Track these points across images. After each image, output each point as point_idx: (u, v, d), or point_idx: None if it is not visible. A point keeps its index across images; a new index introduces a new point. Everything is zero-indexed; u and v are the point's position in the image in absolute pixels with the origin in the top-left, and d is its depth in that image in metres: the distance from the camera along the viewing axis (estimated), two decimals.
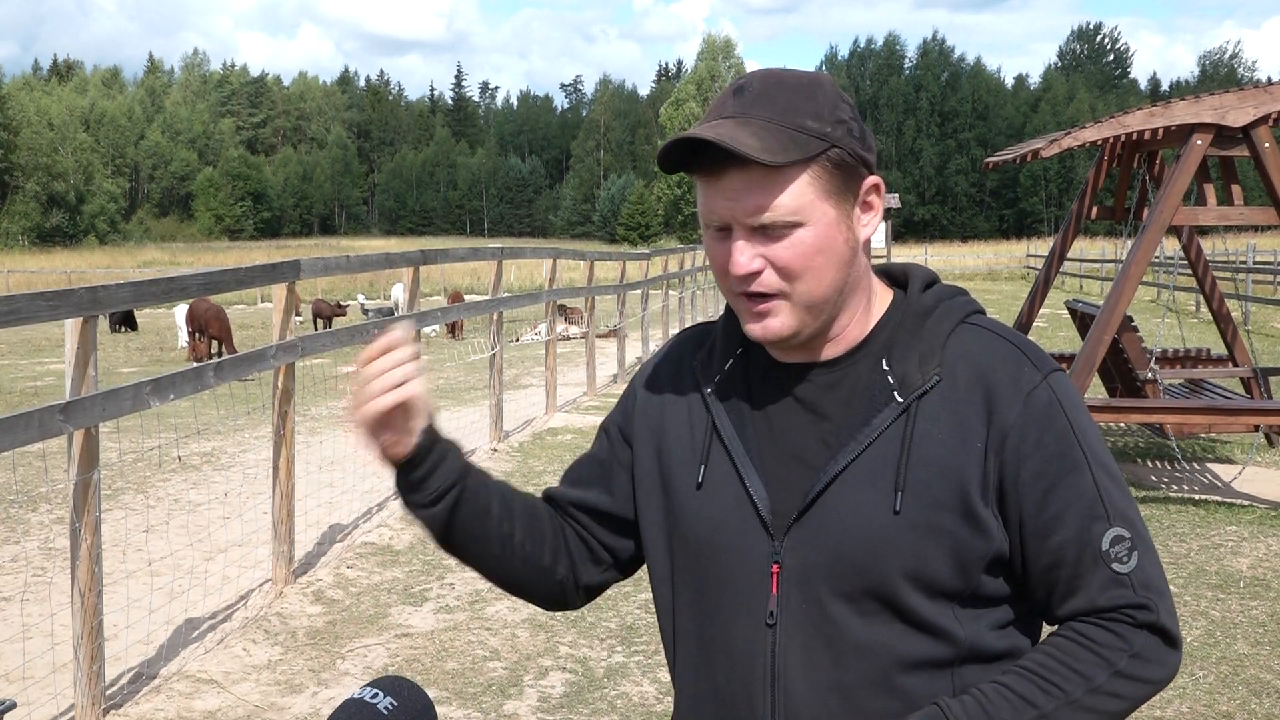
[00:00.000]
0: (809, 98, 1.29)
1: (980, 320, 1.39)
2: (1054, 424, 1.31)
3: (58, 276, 41.20)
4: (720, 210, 1.29)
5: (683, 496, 1.41)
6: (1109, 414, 7.09)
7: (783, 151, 1.25)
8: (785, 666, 1.32)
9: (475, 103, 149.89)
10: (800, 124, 1.27)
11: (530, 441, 8.96)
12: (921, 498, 1.29)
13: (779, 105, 1.28)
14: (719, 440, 1.40)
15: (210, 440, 9.34)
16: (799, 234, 1.28)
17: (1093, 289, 30.00)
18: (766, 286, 1.30)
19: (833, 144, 1.28)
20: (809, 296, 1.30)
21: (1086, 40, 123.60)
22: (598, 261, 13.11)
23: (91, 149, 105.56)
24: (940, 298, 1.40)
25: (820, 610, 1.31)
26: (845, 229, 1.31)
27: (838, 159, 1.29)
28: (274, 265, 5.45)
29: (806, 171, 1.27)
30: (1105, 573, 1.29)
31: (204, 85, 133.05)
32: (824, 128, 1.28)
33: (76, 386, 3.79)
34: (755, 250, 1.29)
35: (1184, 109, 7.02)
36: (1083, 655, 1.28)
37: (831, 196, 1.29)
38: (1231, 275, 20.48)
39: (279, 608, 5.03)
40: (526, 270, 37.39)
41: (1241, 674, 4.30)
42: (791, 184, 1.27)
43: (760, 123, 1.26)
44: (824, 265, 1.30)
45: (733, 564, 1.36)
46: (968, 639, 1.31)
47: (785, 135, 1.26)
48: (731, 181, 1.27)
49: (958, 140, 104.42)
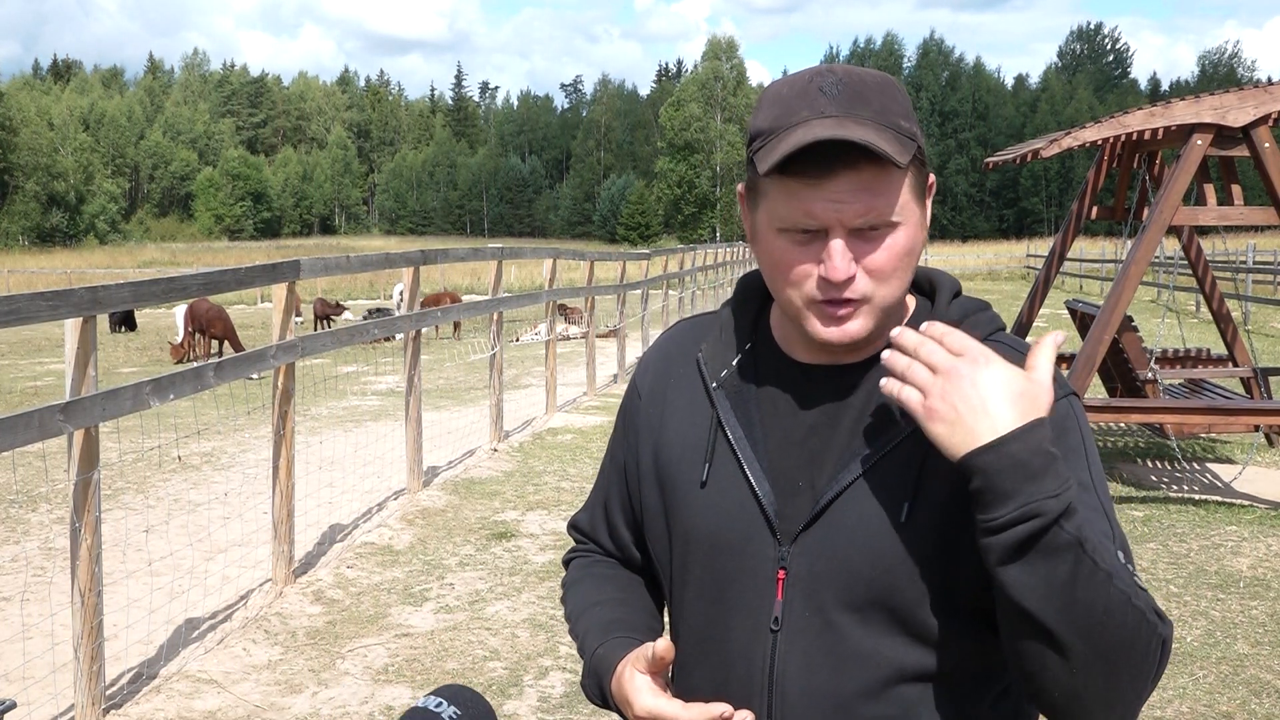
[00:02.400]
0: (893, 97, 1.26)
1: (1003, 338, 1.37)
2: (1068, 438, 1.29)
3: (58, 276, 41.21)
4: (823, 213, 1.24)
5: (685, 493, 1.39)
6: (1109, 414, 7.09)
7: (899, 153, 1.22)
8: (784, 673, 1.31)
9: (475, 103, 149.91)
10: (897, 124, 1.24)
11: (530, 441, 8.96)
12: (935, 511, 1.27)
13: (874, 105, 1.24)
14: (724, 438, 1.37)
15: (210, 440, 9.34)
16: (894, 235, 1.25)
17: (1093, 289, 29.99)
18: (857, 292, 1.26)
19: (919, 144, 1.27)
20: (889, 299, 1.28)
21: (1086, 40, 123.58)
22: (598, 261, 13.10)
23: (91, 149, 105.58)
24: (966, 311, 1.38)
25: (824, 618, 1.30)
26: (923, 229, 1.30)
27: (923, 159, 1.28)
28: (274, 265, 5.45)
29: (908, 172, 1.25)
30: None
31: (204, 85, 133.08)
32: (912, 127, 1.26)
33: (76, 386, 3.79)
34: (851, 255, 1.25)
35: (1184, 109, 7.02)
36: (1120, 571, 1.18)
37: (918, 198, 1.28)
38: (1231, 275, 20.47)
39: (279, 608, 5.03)
40: (526, 270, 37.40)
41: (1241, 674, 4.29)
42: (899, 185, 1.24)
43: (870, 122, 1.22)
44: (906, 268, 1.28)
45: (737, 566, 1.34)
46: (970, 650, 1.30)
47: (891, 135, 1.23)
48: (840, 183, 1.23)
49: (958, 140, 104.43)
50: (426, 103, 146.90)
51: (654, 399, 1.47)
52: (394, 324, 7.72)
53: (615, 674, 1.38)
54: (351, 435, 9.54)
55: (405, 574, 5.56)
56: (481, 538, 6.17)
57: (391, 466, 7.77)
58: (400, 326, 7.52)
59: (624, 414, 1.53)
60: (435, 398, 11.61)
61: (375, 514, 6.74)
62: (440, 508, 6.75)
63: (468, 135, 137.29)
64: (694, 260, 21.33)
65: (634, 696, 1.34)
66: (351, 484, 7.42)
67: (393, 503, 6.94)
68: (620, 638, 1.43)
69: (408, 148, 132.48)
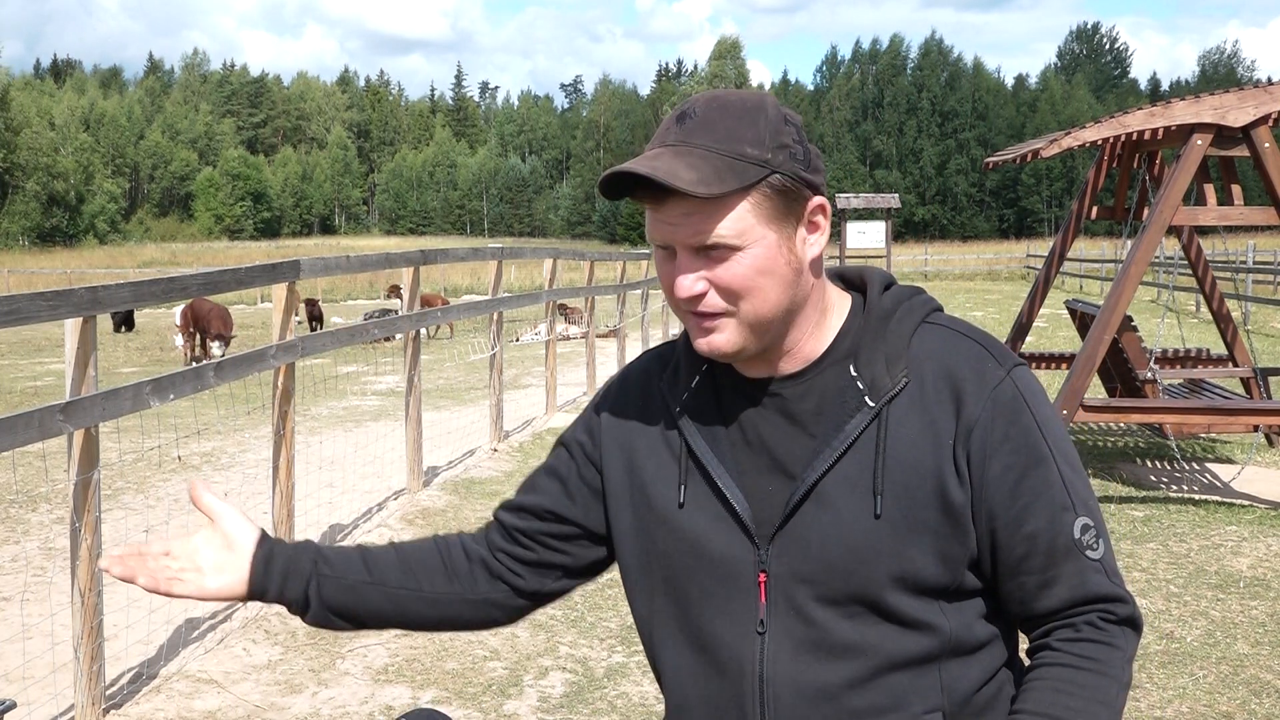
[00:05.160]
0: (750, 124, 1.31)
1: (940, 319, 1.42)
2: (1019, 418, 1.34)
3: (58, 276, 41.20)
4: (662, 234, 1.33)
5: (662, 514, 1.43)
6: (1109, 414, 7.09)
7: (719, 181, 1.27)
8: (774, 673, 1.34)
9: (475, 102, 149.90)
10: (740, 151, 1.29)
11: (530, 441, 8.96)
12: (900, 500, 1.32)
13: (719, 133, 1.30)
14: (693, 459, 1.42)
15: (210, 440, 9.34)
16: (739, 257, 1.31)
17: (1093, 289, 29.99)
18: (711, 307, 1.33)
19: (773, 170, 1.30)
20: (753, 315, 1.33)
21: (1085, 40, 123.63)
22: (598, 261, 13.11)
23: (92, 149, 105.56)
24: (900, 299, 1.42)
25: (807, 615, 1.34)
26: (787, 251, 1.33)
27: (779, 184, 1.31)
28: (274, 265, 5.44)
29: (747, 198, 1.29)
30: (1081, 561, 1.34)
31: (204, 85, 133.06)
32: (764, 154, 1.30)
33: (76, 386, 3.79)
34: (699, 272, 1.32)
35: (1184, 109, 7.02)
36: (1099, 683, 1.32)
37: (773, 221, 1.31)
38: (1231, 275, 20.47)
39: (279, 607, 5.02)
40: (526, 270, 37.39)
41: (1241, 674, 4.29)
42: (731, 211, 1.29)
43: (700, 152, 1.29)
44: (767, 286, 1.32)
45: (720, 576, 1.38)
46: (953, 632, 1.34)
47: (724, 163, 1.28)
48: (672, 209, 1.30)
49: (958, 140, 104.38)
50: (426, 103, 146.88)
51: (619, 425, 1.51)
52: (394, 324, 7.72)
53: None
54: (351, 435, 9.54)
55: None
56: None
57: (391, 466, 7.77)
58: (400, 326, 7.52)
59: (584, 428, 1.55)
60: (435, 398, 11.61)
61: (375, 514, 6.74)
62: (440, 508, 6.75)
63: (468, 135, 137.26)
64: None
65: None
66: (351, 484, 7.42)
67: (393, 503, 6.94)
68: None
69: (408, 148, 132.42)
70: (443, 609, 1.57)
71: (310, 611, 1.54)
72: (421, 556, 1.57)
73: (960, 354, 1.37)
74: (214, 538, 1.49)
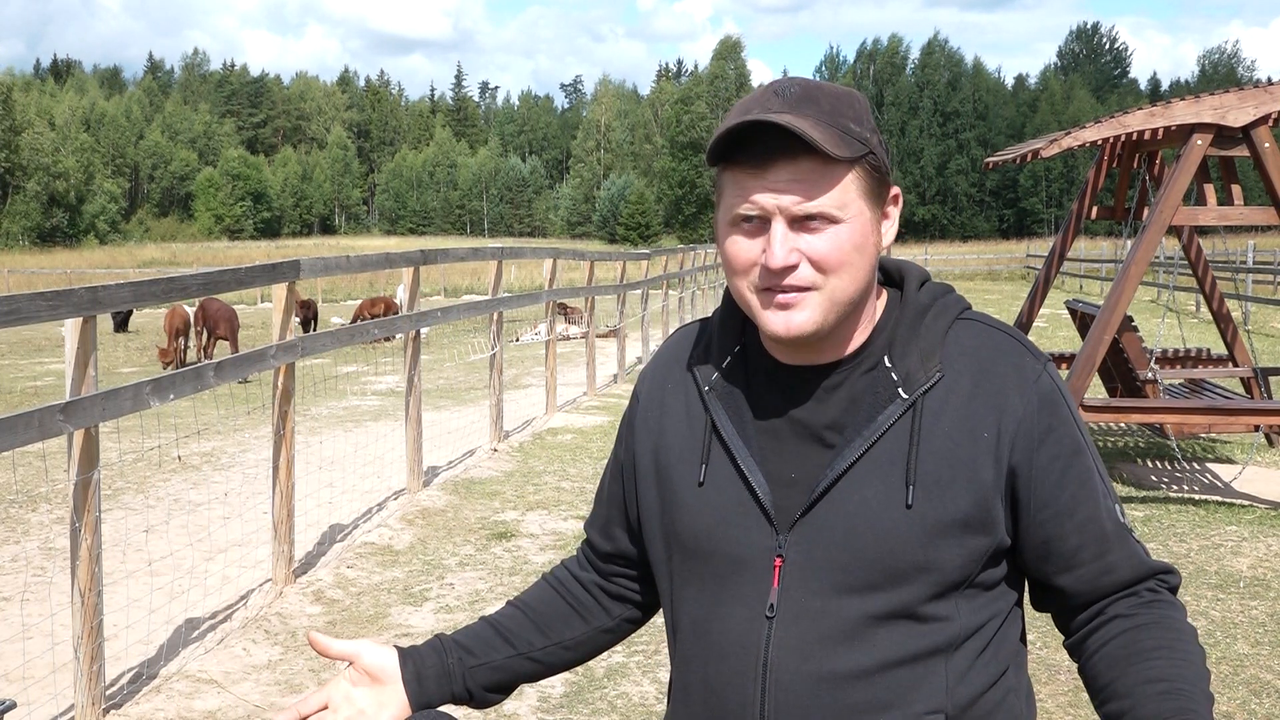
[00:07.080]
0: (849, 104, 1.32)
1: (973, 315, 1.44)
2: (1059, 410, 1.37)
3: (58, 276, 41.21)
4: (763, 200, 1.30)
5: (683, 493, 1.43)
6: (1109, 414, 7.09)
7: (837, 147, 1.27)
8: (778, 659, 1.34)
9: (475, 102, 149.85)
10: (845, 126, 1.29)
11: (530, 441, 8.96)
12: (932, 491, 1.32)
13: (824, 107, 1.30)
14: (718, 438, 1.41)
15: (210, 440, 9.34)
16: (838, 230, 1.30)
17: (1093, 289, 29.99)
18: (799, 280, 1.31)
19: (871, 149, 1.31)
20: (839, 292, 1.32)
21: (1085, 40, 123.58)
22: (598, 262, 13.11)
23: (92, 149, 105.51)
24: (935, 295, 1.43)
25: (821, 603, 1.33)
26: (876, 232, 1.35)
27: (875, 164, 1.32)
28: (274, 265, 5.44)
29: (851, 172, 1.30)
30: (1130, 541, 1.39)
31: (204, 85, 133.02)
32: (864, 133, 1.31)
33: (76, 386, 3.79)
34: (793, 244, 1.30)
35: (1184, 109, 7.02)
36: (1193, 648, 1.35)
37: (868, 198, 1.32)
38: (1231, 275, 20.48)
39: (279, 608, 5.03)
40: (526, 270, 37.39)
41: (1241, 674, 4.29)
42: (838, 182, 1.29)
43: (812, 120, 1.28)
44: (858, 263, 1.32)
45: (736, 558, 1.38)
46: (963, 626, 1.34)
47: (835, 133, 1.28)
48: (779, 173, 1.29)
49: (958, 140, 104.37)
50: (427, 103, 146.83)
51: (652, 404, 1.52)
52: (394, 324, 7.72)
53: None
54: (351, 435, 9.54)
55: (405, 574, 5.56)
56: (481, 538, 6.17)
57: (391, 466, 7.77)
58: (400, 326, 7.52)
59: (626, 419, 1.58)
60: (435, 398, 11.61)
61: (375, 514, 6.74)
62: (440, 508, 6.75)
63: (468, 135, 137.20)
64: (694, 260, 21.32)
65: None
66: (351, 484, 7.42)
67: (393, 503, 6.94)
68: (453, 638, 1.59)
69: (408, 148, 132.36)
70: (587, 648, 1.63)
71: (474, 702, 1.58)
72: (548, 608, 1.62)
73: (996, 349, 1.38)
74: (360, 677, 1.52)
